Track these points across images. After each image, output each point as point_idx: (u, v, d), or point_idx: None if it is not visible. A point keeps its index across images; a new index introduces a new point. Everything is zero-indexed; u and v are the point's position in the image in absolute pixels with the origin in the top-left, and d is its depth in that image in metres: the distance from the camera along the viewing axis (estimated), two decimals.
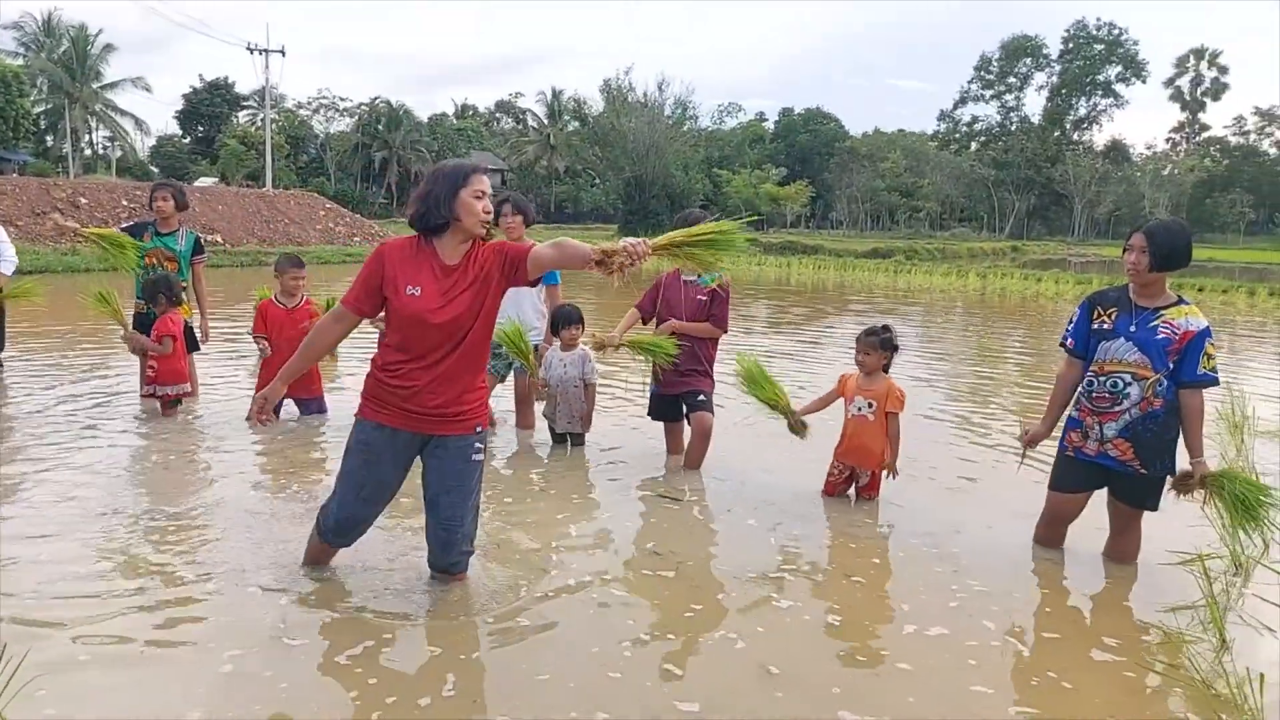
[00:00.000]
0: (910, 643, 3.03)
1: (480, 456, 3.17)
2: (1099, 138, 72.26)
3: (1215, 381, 3.48)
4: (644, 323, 5.00)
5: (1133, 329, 3.53)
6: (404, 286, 2.94)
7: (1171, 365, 3.48)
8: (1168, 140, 77.27)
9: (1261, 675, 2.39)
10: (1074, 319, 3.78)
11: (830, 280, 24.83)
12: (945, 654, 2.94)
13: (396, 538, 3.72)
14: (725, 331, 4.95)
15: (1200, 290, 21.88)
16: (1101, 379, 3.60)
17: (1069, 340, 3.79)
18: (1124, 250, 3.58)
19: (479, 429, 3.15)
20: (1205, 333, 3.49)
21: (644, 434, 5.62)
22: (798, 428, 4.68)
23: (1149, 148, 74.25)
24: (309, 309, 5.97)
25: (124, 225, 6.12)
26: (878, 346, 4.40)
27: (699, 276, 4.84)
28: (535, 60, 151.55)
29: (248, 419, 3.13)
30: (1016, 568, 3.75)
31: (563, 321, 5.17)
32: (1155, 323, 3.51)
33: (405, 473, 3.16)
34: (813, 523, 4.26)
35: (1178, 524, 4.12)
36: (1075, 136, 70.93)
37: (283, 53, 41.07)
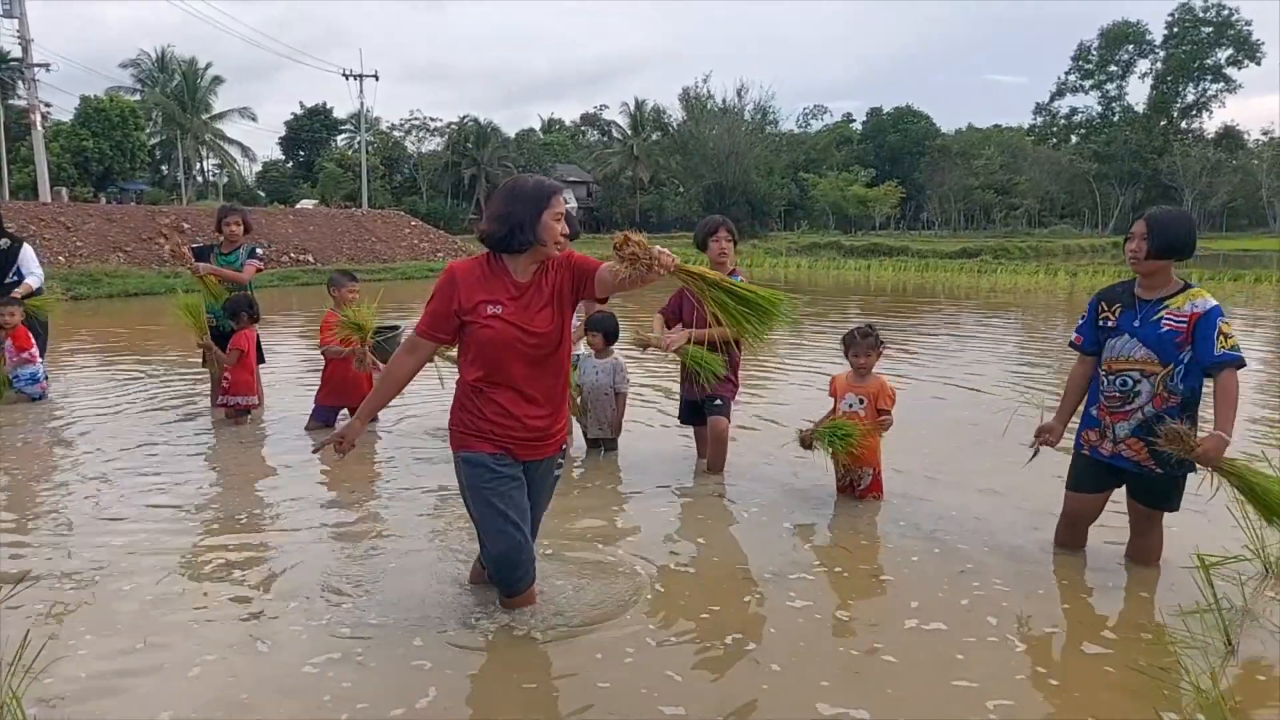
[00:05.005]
0: (905, 637, 3.06)
1: (560, 472, 3.23)
2: (1210, 125, 68.48)
3: (1239, 360, 3.27)
4: (667, 327, 5.09)
5: (1136, 324, 3.45)
6: (484, 307, 2.82)
7: (1185, 356, 3.37)
8: None
9: (1234, 675, 2.35)
10: (1084, 316, 3.72)
11: (910, 282, 24.32)
12: (936, 649, 2.96)
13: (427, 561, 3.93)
14: None
15: None
16: (1110, 377, 3.53)
17: (1076, 338, 3.74)
18: (1125, 239, 3.54)
19: (564, 446, 3.16)
20: (1214, 311, 3.33)
21: (676, 438, 5.74)
22: (808, 441, 4.48)
23: (1265, 134, 69.88)
24: None
25: (192, 247, 6.50)
26: (875, 346, 4.43)
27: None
28: (619, 72, 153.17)
29: (315, 450, 3.23)
30: (1036, 567, 3.71)
31: (600, 329, 5.30)
32: (1159, 315, 3.41)
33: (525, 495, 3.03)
34: (831, 522, 4.29)
35: (1214, 527, 3.99)
36: (1183, 125, 67.33)
37: (376, 77, 43.15)
